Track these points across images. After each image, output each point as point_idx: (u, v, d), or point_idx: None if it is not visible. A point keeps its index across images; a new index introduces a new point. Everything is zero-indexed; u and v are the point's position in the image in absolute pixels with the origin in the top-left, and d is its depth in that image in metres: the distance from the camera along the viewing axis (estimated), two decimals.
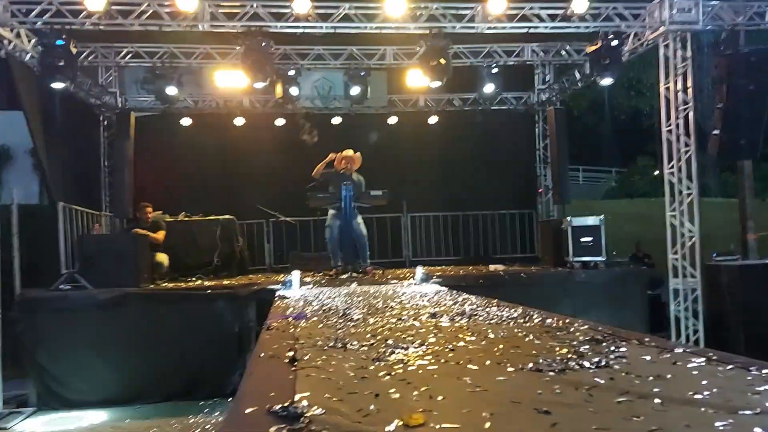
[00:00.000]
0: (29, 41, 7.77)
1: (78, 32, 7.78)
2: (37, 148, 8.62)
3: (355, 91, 9.74)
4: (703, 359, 2.33)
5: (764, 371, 2.08)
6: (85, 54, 9.18)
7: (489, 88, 9.89)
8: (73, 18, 7.46)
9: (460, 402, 1.87)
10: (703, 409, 1.70)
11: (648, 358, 2.44)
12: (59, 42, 7.45)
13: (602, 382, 2.05)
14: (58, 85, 7.75)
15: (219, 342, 7.26)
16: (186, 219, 9.66)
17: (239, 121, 10.98)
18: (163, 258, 8.70)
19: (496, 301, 4.76)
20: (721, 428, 1.52)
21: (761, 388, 1.87)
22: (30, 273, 7.54)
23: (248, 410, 1.79)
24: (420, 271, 7.31)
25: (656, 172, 19.80)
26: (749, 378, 2.04)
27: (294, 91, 9.87)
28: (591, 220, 8.40)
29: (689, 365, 2.26)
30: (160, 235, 8.77)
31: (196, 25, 7.71)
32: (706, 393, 1.85)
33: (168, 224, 9.09)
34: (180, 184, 10.66)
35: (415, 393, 1.97)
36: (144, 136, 10.32)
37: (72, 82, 8.33)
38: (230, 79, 9.81)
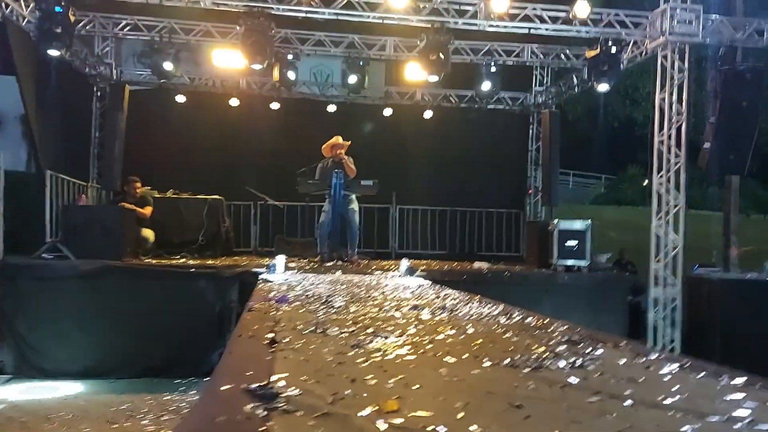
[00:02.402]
0: (27, 6, 7.68)
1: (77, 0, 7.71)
2: (28, 115, 8.54)
3: (352, 79, 9.70)
4: (676, 365, 2.36)
5: (734, 380, 2.12)
6: (83, 23, 9.09)
7: (486, 85, 9.87)
8: None
9: (435, 391, 1.89)
10: (671, 412, 1.73)
11: (622, 361, 2.48)
12: (57, 8, 7.38)
13: (576, 381, 2.08)
14: (53, 52, 7.67)
15: (199, 321, 7.24)
16: (174, 196, 9.61)
17: (234, 102, 10.93)
18: (148, 233, 8.68)
19: (478, 297, 4.79)
20: None
21: (729, 396, 1.91)
22: (14, 240, 7.49)
23: (224, 387, 1.80)
24: (405, 263, 7.33)
25: (645, 182, 19.92)
26: (719, 386, 2.08)
27: (291, 75, 9.85)
28: (577, 224, 8.46)
29: (662, 370, 2.30)
30: (147, 210, 8.74)
31: (198, 2, 7.65)
32: (676, 397, 1.88)
33: (155, 200, 9.05)
34: (170, 161, 10.60)
35: (392, 381, 1.99)
36: (137, 110, 10.24)
37: (68, 50, 8.26)
38: (228, 59, 9.76)
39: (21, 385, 6.71)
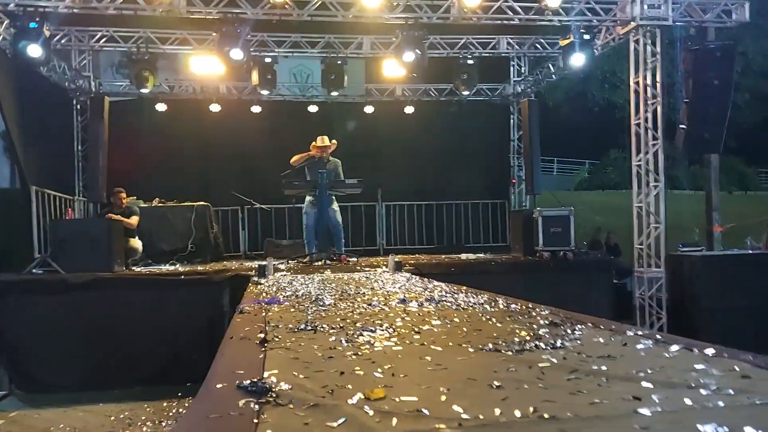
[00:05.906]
0: (1, 24, 7.68)
1: (52, 15, 7.70)
2: (9, 131, 8.54)
3: (333, 92, 9.87)
4: (651, 341, 2.46)
5: (705, 351, 2.23)
6: (58, 37, 9.08)
7: (465, 88, 10.01)
8: (47, 0, 7.39)
9: (420, 379, 1.97)
10: (643, 384, 1.83)
11: (601, 340, 2.57)
12: (32, 24, 7.38)
13: (555, 361, 2.17)
14: (31, 62, 7.67)
15: (192, 327, 7.27)
16: (160, 204, 9.65)
17: (215, 108, 10.96)
18: (136, 243, 8.71)
19: (464, 288, 4.88)
20: (657, 401, 1.65)
21: (699, 366, 2.01)
22: (2, 257, 7.50)
23: (218, 386, 1.88)
24: (393, 259, 7.42)
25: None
26: (691, 358, 2.18)
27: (271, 77, 9.89)
28: (560, 211, 8.60)
29: (638, 346, 2.40)
30: (134, 220, 8.76)
31: (172, 11, 7.67)
32: (649, 371, 1.98)
33: (142, 210, 9.07)
34: (154, 170, 10.62)
35: (379, 371, 2.07)
36: (119, 120, 10.25)
37: (45, 65, 8.26)
38: (206, 65, 9.77)
39: (17, 400, 6.74)
